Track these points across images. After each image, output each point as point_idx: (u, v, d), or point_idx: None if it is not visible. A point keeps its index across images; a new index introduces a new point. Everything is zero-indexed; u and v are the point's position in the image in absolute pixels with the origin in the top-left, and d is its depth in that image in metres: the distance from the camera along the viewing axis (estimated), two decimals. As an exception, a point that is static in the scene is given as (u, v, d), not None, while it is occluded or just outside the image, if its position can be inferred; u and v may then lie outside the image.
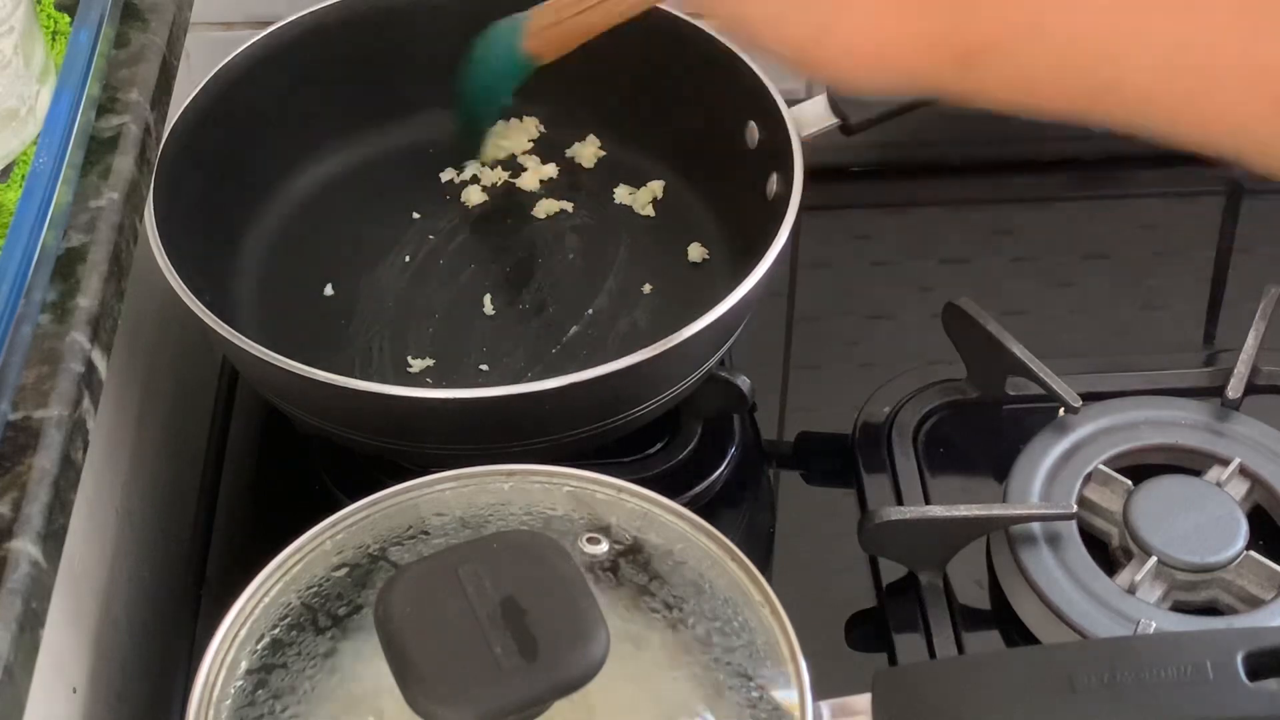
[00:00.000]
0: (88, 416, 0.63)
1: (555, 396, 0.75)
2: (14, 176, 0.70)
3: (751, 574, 0.65)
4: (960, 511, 0.80)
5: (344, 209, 0.96)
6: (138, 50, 0.77)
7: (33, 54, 0.72)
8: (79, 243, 0.67)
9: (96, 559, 0.81)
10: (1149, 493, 0.80)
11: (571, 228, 0.95)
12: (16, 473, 0.59)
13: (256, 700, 0.62)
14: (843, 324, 0.97)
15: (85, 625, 0.78)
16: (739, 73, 0.90)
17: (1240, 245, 1.01)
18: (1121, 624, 0.76)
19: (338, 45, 0.95)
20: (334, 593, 0.65)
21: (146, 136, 0.74)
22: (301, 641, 0.64)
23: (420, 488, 0.69)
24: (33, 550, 0.57)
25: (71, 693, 0.74)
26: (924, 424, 0.89)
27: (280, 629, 0.64)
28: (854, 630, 0.82)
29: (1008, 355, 0.86)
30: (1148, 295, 0.99)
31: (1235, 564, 0.78)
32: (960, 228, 1.03)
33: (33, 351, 0.63)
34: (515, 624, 0.55)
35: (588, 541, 0.66)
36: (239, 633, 0.64)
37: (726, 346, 0.84)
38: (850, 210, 1.04)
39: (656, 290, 0.92)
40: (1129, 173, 1.05)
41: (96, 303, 0.65)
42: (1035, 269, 1.00)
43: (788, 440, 0.91)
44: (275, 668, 0.63)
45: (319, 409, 0.81)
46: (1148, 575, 0.78)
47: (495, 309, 0.91)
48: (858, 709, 0.64)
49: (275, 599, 0.65)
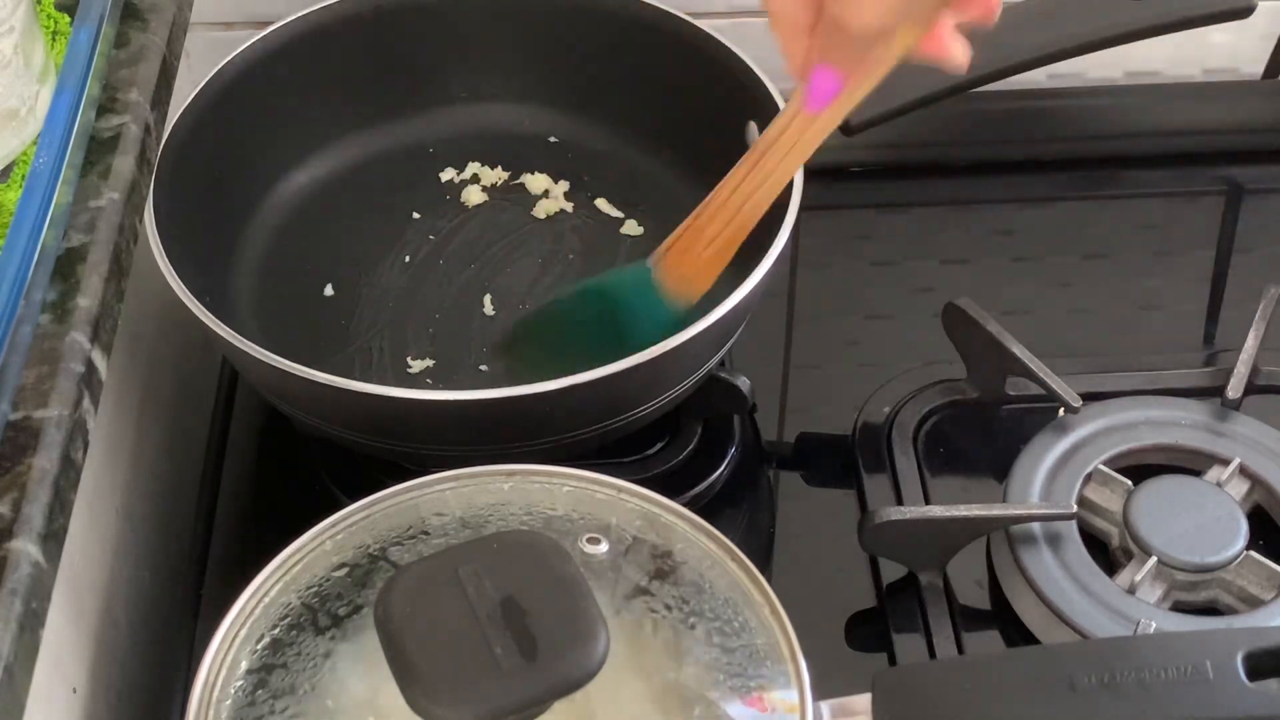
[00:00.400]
0: (88, 416, 0.63)
1: (555, 397, 0.75)
2: (14, 176, 0.70)
3: (751, 574, 0.65)
4: (960, 511, 0.80)
5: (344, 209, 0.96)
6: (138, 50, 0.77)
7: (33, 54, 0.72)
8: (79, 243, 0.67)
9: (96, 559, 0.81)
10: (1149, 493, 0.80)
11: (571, 228, 0.95)
12: (16, 473, 0.59)
13: (256, 700, 0.62)
14: (843, 324, 0.97)
15: (85, 625, 0.78)
16: (739, 72, 0.90)
17: (1240, 245, 1.01)
18: (1121, 624, 0.76)
19: (338, 45, 0.95)
20: (334, 593, 0.65)
21: (146, 136, 0.74)
22: (301, 641, 0.64)
23: (420, 488, 0.69)
24: (33, 550, 0.57)
25: (71, 693, 0.74)
26: (924, 424, 0.89)
27: (280, 629, 0.64)
28: (854, 630, 0.82)
29: (1008, 355, 0.86)
30: (1148, 295, 0.99)
31: (1235, 564, 0.78)
32: (960, 228, 1.03)
33: (33, 351, 0.63)
34: (515, 624, 0.55)
35: (588, 541, 0.66)
36: (239, 633, 0.64)
37: (727, 347, 0.84)
38: (850, 210, 1.04)
39: (656, 290, 0.92)
40: (1129, 173, 1.05)
41: (96, 303, 0.65)
42: (1035, 269, 1.00)
43: (788, 440, 0.91)
44: (275, 668, 0.63)
45: (319, 409, 0.81)
46: (1148, 575, 0.78)
47: (495, 309, 0.91)
48: (858, 709, 0.64)
49: (275, 599, 0.65)
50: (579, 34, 0.95)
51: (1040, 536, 0.80)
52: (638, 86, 0.96)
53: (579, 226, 0.95)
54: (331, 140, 0.98)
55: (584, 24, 0.95)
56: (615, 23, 0.94)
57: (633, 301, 0.78)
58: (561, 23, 0.96)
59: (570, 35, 0.96)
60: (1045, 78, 1.04)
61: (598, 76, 0.95)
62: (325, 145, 0.97)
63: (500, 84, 0.99)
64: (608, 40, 0.93)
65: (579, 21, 0.95)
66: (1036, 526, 0.80)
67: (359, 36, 0.96)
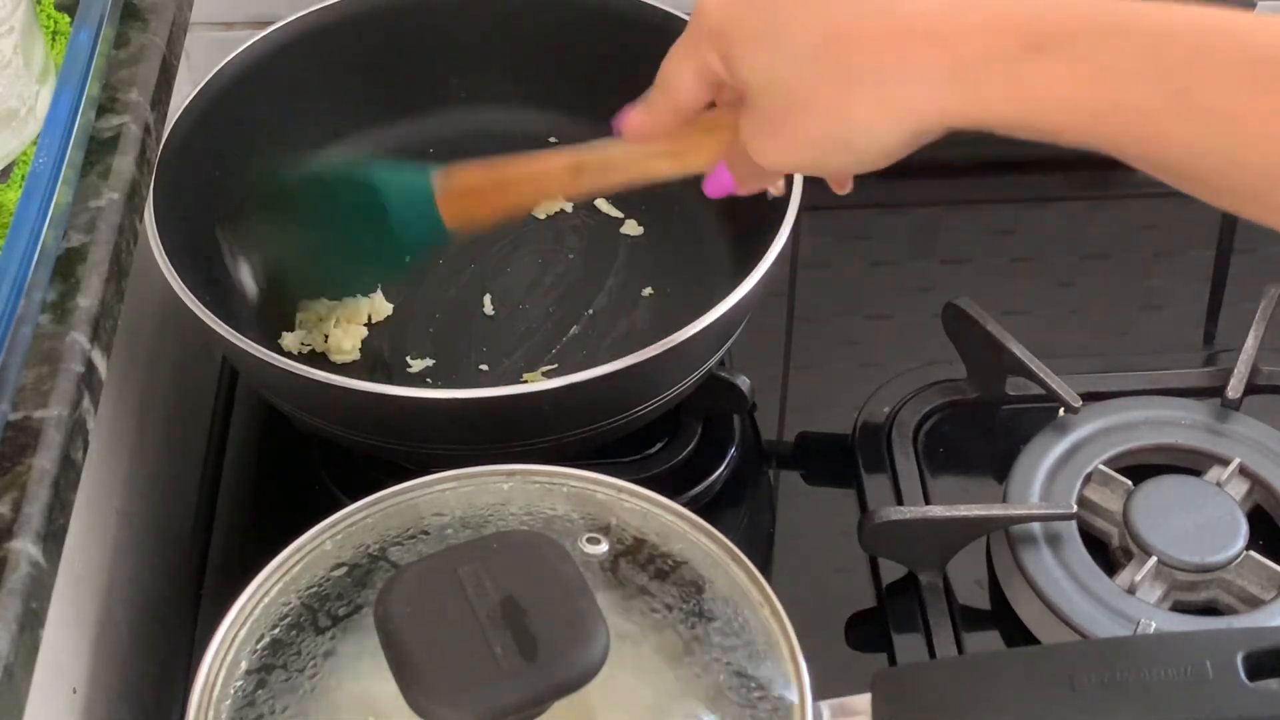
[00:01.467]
0: (88, 416, 0.63)
1: (555, 396, 0.75)
2: (14, 176, 0.70)
3: (751, 574, 0.65)
4: (960, 511, 0.80)
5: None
6: (138, 50, 0.77)
7: (33, 54, 0.72)
8: (79, 243, 0.67)
9: (96, 559, 0.81)
10: (1149, 493, 0.80)
11: (571, 228, 0.95)
12: (16, 473, 0.59)
13: (256, 700, 0.62)
14: (843, 324, 0.97)
15: (85, 625, 0.78)
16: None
17: (1240, 245, 1.01)
18: (1121, 624, 0.76)
19: (337, 45, 0.95)
20: (334, 593, 0.65)
21: (146, 136, 0.74)
22: (302, 641, 0.64)
23: (420, 488, 0.69)
24: (33, 550, 0.57)
25: (71, 693, 0.74)
26: (924, 424, 0.89)
27: (280, 629, 0.64)
28: (854, 630, 0.82)
29: (1008, 355, 0.86)
30: (1148, 295, 0.99)
31: (1235, 564, 0.78)
32: (960, 228, 1.03)
33: (33, 351, 0.63)
34: (515, 624, 0.55)
35: (588, 541, 0.66)
36: (239, 633, 0.64)
37: (726, 347, 0.84)
38: (850, 210, 1.03)
39: (656, 290, 0.92)
40: (1129, 173, 1.04)
41: (96, 303, 0.65)
42: (1035, 269, 1.00)
43: (788, 440, 0.91)
44: (275, 668, 0.63)
45: (318, 409, 0.81)
46: (1148, 575, 0.78)
47: (495, 309, 0.91)
48: (858, 709, 0.64)
49: (275, 599, 0.65)
50: (579, 35, 0.95)
51: (1040, 536, 0.80)
52: (638, 87, 0.96)
53: (579, 226, 0.95)
54: (332, 140, 0.97)
55: (584, 25, 0.95)
56: (615, 23, 0.94)
57: (400, 201, 0.78)
58: (561, 23, 0.96)
59: (570, 36, 0.96)
60: (1045, 78, 1.04)
61: (598, 77, 0.95)
62: (325, 145, 0.97)
63: (500, 84, 0.99)
64: (608, 41, 0.93)
65: (579, 22, 0.95)
66: (1036, 526, 0.80)
67: (359, 37, 0.96)
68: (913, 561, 0.82)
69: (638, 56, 0.94)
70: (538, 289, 0.92)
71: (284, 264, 0.86)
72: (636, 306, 0.91)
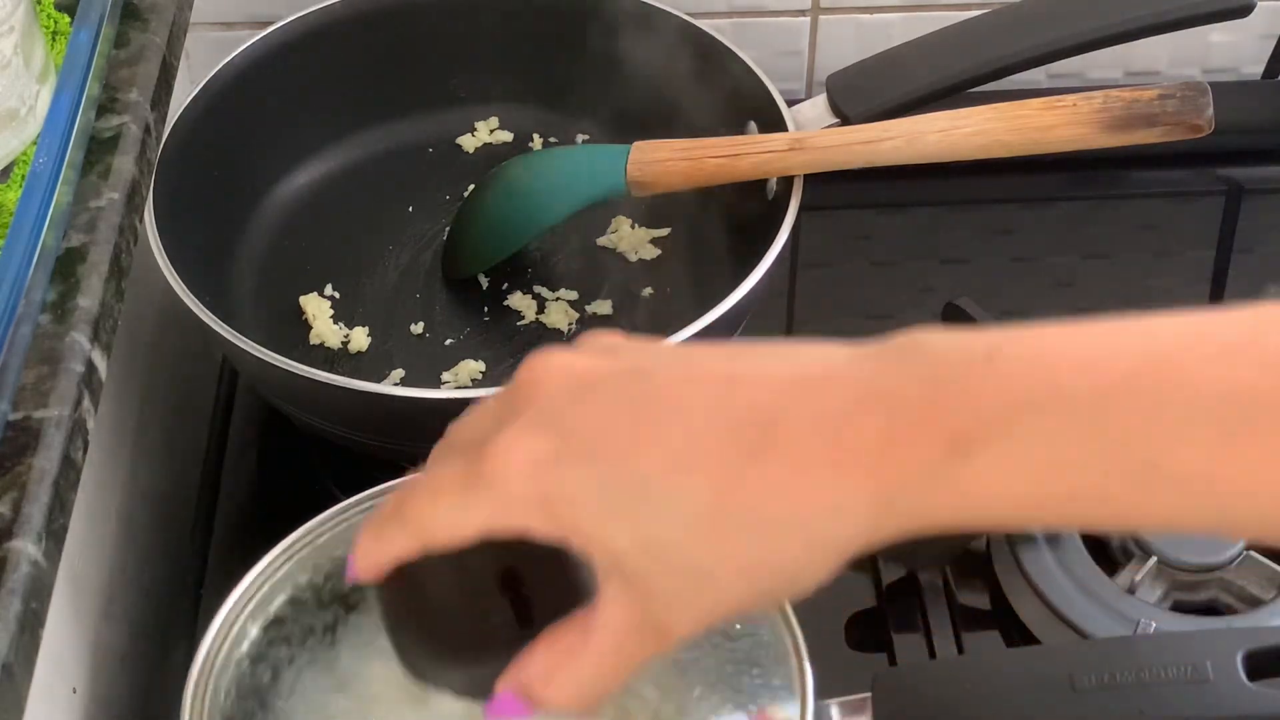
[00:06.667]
0: (88, 416, 0.63)
1: (555, 396, 0.75)
2: (14, 176, 0.70)
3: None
4: (960, 511, 0.80)
5: (344, 209, 0.96)
6: (138, 50, 0.77)
7: (33, 54, 0.72)
8: (79, 243, 0.67)
9: (96, 559, 0.81)
10: (1149, 493, 0.80)
11: (571, 228, 0.95)
12: (16, 473, 0.59)
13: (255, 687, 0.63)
14: (843, 324, 0.97)
15: (85, 625, 0.78)
16: (739, 72, 0.90)
17: (1240, 245, 1.01)
18: (1121, 624, 0.76)
19: (337, 45, 0.95)
20: (331, 584, 0.65)
21: (146, 136, 0.74)
22: (298, 631, 0.64)
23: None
24: (33, 550, 0.57)
25: (71, 693, 0.74)
26: (924, 424, 0.89)
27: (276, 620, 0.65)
28: (854, 630, 0.82)
29: (1008, 355, 0.86)
30: (1148, 295, 0.99)
31: (1235, 564, 0.78)
32: (960, 228, 1.03)
33: (33, 351, 0.63)
34: (512, 593, 0.55)
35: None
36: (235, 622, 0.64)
37: (726, 346, 0.84)
38: (850, 210, 1.03)
39: (656, 290, 0.92)
40: (1129, 173, 1.05)
41: (96, 303, 0.65)
42: (1035, 269, 1.00)
43: (788, 440, 0.91)
44: (272, 658, 0.64)
45: (319, 409, 0.81)
46: (1148, 575, 0.78)
47: (494, 309, 0.91)
48: (858, 709, 0.64)
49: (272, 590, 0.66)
50: (579, 34, 0.95)
51: (1040, 536, 0.80)
52: (638, 87, 0.96)
53: (579, 226, 0.95)
54: (331, 140, 0.98)
55: (584, 24, 0.95)
56: (615, 23, 0.94)
57: (591, 163, 0.88)
58: (561, 23, 0.96)
59: (570, 36, 0.96)
60: (1045, 77, 1.04)
61: (597, 77, 0.95)
62: (325, 145, 0.98)
63: (500, 84, 1.00)
64: (607, 40, 0.93)
65: (579, 22, 0.95)
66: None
67: (359, 36, 0.96)
68: (913, 561, 0.82)
69: (638, 56, 0.94)
70: (538, 289, 0.92)
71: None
72: (636, 306, 0.91)
